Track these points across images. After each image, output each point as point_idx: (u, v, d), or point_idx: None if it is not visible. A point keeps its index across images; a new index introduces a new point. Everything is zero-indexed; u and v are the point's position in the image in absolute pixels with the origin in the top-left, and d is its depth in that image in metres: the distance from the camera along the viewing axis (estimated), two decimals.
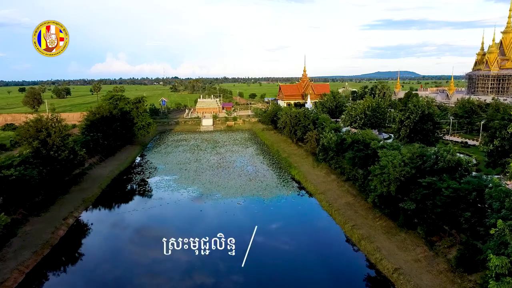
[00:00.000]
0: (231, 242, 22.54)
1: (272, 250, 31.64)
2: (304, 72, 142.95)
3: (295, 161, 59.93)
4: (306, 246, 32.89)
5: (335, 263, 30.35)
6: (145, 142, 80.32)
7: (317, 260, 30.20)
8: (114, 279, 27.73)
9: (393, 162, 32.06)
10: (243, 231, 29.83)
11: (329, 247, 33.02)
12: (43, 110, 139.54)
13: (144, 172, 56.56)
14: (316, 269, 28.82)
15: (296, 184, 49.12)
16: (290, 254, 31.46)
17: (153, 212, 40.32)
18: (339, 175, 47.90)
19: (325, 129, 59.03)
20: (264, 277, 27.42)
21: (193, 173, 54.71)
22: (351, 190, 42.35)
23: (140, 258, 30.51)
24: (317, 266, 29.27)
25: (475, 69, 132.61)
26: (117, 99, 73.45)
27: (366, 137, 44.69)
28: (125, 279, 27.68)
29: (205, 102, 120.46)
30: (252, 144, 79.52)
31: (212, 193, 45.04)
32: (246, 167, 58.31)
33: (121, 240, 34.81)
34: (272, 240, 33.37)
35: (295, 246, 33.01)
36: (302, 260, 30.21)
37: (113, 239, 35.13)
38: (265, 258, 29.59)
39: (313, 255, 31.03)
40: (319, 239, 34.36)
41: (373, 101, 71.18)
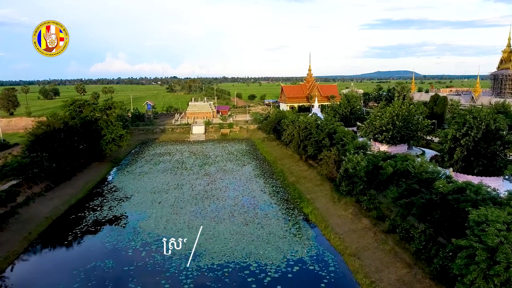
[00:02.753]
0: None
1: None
2: (309, 71, 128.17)
3: (307, 189, 45.02)
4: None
5: None
6: (119, 157, 65.26)
7: None
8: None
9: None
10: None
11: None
12: (20, 113, 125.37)
13: (102, 206, 41.58)
14: None
15: (312, 232, 34.15)
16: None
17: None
18: (374, 220, 33.02)
19: (346, 147, 44.13)
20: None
21: (168, 210, 39.80)
22: (401, 252, 27.44)
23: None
24: None
25: (501, 68, 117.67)
26: (80, 106, 58.45)
27: (420, 168, 29.72)
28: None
29: (197, 106, 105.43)
30: (250, 159, 64.59)
31: (186, 252, 30.03)
32: (241, 199, 43.41)
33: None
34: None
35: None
36: None
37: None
38: None
39: None
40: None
41: (403, 108, 56.26)
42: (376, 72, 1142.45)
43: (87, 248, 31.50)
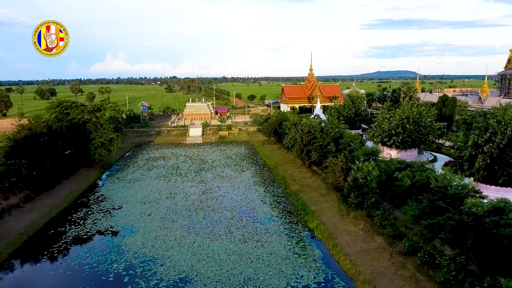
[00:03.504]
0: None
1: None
2: (310, 71, 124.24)
3: (311, 199, 41.12)
4: None
5: None
6: (110, 162, 61.30)
7: None
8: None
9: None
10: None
11: None
12: (13, 114, 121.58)
13: (86, 220, 37.65)
14: None
15: (319, 252, 30.23)
16: None
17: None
18: (390, 238, 29.12)
19: (354, 153, 40.21)
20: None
21: (158, 224, 35.91)
22: (424, 281, 23.47)
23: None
24: None
25: (509, 68, 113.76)
26: (67, 107, 54.53)
27: (444, 181, 25.76)
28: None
29: (194, 107, 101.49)
30: (249, 164, 60.67)
31: (175, 278, 26.18)
32: (239, 211, 39.53)
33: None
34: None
35: None
36: None
37: None
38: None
39: None
40: None
41: (414, 110, 52.35)
42: (376, 72, 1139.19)
43: (63, 272, 27.52)
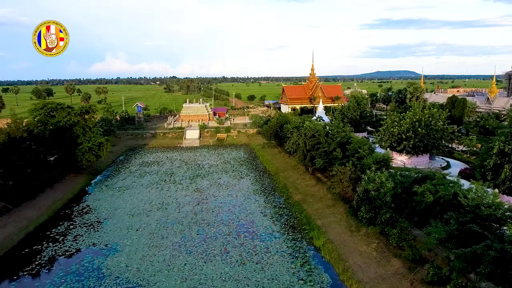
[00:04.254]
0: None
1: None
2: (312, 71, 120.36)
3: (316, 211, 37.33)
4: None
5: None
6: (100, 167, 57.43)
7: None
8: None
9: None
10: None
11: None
12: (5, 115, 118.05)
13: (66, 236, 33.83)
14: None
15: (327, 276, 26.42)
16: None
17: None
18: (409, 262, 25.32)
19: (364, 161, 36.39)
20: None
21: (146, 241, 32.13)
22: None
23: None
24: None
25: None
26: (52, 109, 50.73)
27: (476, 199, 21.93)
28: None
29: (192, 108, 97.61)
30: (248, 170, 56.84)
31: None
32: (237, 225, 35.73)
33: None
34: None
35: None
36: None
37: None
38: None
39: None
40: None
41: (425, 112, 48.56)
42: (376, 72, 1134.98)
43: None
